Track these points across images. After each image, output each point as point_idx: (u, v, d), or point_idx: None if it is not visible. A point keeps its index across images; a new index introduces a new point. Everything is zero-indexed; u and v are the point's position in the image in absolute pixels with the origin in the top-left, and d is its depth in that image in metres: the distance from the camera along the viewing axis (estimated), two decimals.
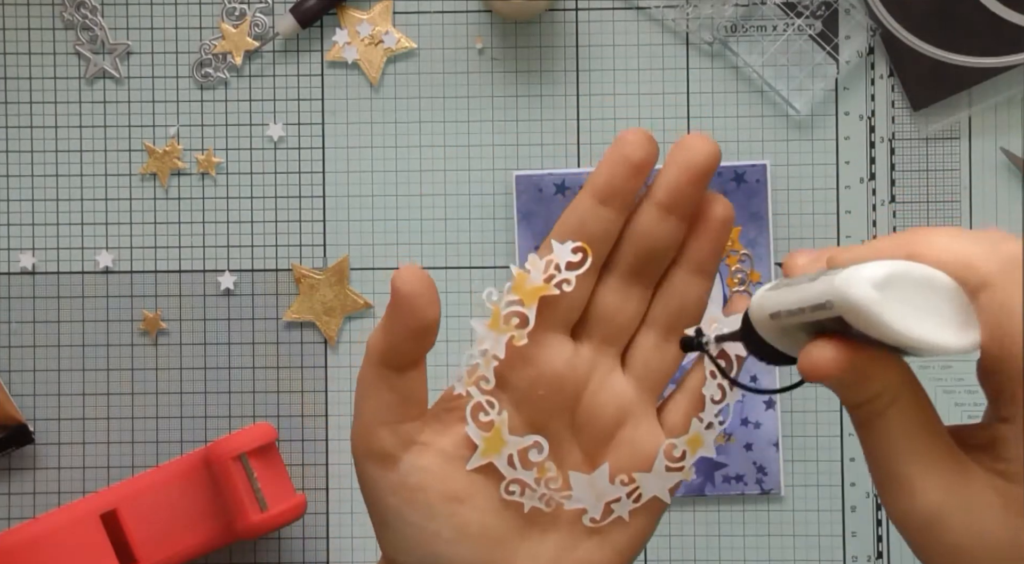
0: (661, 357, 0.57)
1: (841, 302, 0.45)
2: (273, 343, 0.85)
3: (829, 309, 0.46)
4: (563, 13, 0.84)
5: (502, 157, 0.85)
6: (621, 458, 0.57)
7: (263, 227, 0.85)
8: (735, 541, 0.84)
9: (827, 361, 0.46)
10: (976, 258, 0.46)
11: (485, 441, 0.55)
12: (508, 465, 0.55)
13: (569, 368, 0.57)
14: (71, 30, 0.85)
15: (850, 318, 0.46)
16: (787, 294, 0.49)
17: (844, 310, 0.45)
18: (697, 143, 0.56)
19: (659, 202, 0.56)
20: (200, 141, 0.85)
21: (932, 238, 0.47)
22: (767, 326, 0.50)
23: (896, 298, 0.45)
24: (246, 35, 0.85)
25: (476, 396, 0.55)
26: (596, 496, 0.55)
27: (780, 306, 0.49)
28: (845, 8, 0.83)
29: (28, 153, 0.85)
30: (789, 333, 0.50)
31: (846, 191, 0.84)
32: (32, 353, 0.85)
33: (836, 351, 0.46)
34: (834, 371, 0.47)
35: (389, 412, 0.55)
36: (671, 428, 0.57)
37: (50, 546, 0.79)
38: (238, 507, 0.79)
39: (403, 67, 0.85)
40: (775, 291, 0.50)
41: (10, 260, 0.85)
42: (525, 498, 0.55)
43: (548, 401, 0.56)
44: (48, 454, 0.85)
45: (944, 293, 0.46)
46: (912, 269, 0.46)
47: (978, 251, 0.46)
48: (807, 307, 0.47)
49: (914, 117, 0.84)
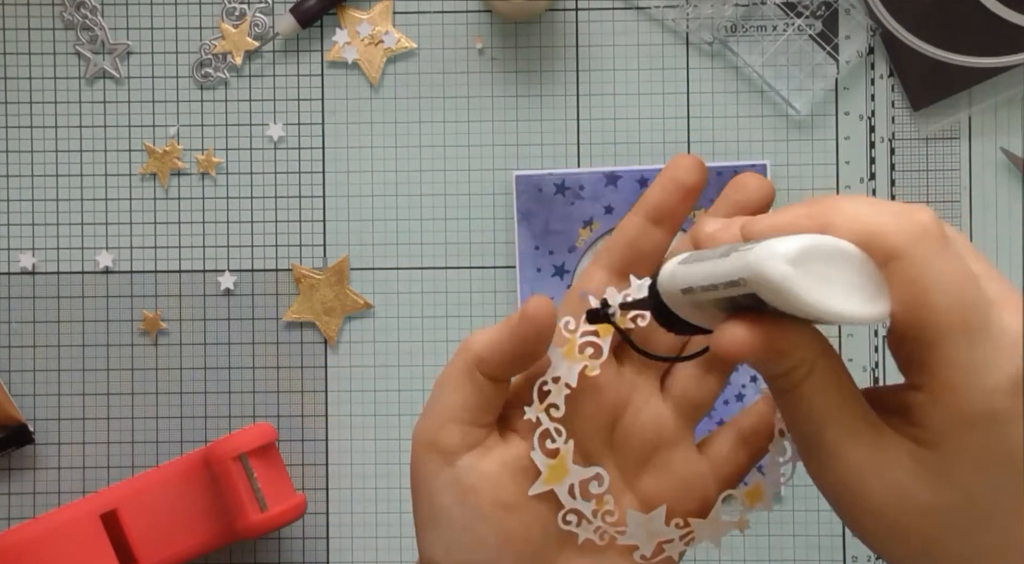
0: (699, 388, 0.58)
1: (755, 279, 0.45)
2: (273, 343, 0.85)
3: (743, 286, 0.46)
4: (563, 13, 0.84)
5: (502, 157, 0.85)
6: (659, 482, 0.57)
7: (263, 227, 0.85)
8: (735, 541, 0.84)
9: (742, 342, 0.47)
10: (887, 228, 0.46)
11: (549, 468, 0.55)
12: (569, 495, 0.55)
13: (612, 386, 0.57)
14: (71, 30, 0.85)
15: (764, 295, 0.46)
16: (698, 269, 0.48)
17: (758, 287, 0.45)
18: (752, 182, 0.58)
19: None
20: (200, 141, 0.85)
21: (844, 207, 0.47)
22: (678, 300, 0.50)
23: (810, 272, 0.45)
24: (246, 35, 0.85)
25: (545, 423, 0.55)
26: (649, 535, 0.56)
27: (692, 281, 0.49)
28: (845, 8, 0.83)
29: (28, 153, 0.85)
30: (701, 306, 0.49)
31: (846, 191, 0.84)
32: (32, 353, 0.85)
33: (750, 331, 0.47)
34: (749, 351, 0.47)
35: (466, 412, 0.55)
36: (714, 456, 0.58)
37: (50, 546, 0.79)
38: (238, 507, 0.79)
39: (403, 67, 0.85)
40: (686, 265, 0.49)
41: (10, 260, 0.85)
42: (580, 529, 0.55)
43: (590, 417, 0.57)
44: (48, 454, 0.85)
45: (856, 263, 0.46)
46: (824, 242, 0.46)
47: (889, 221, 0.46)
48: (720, 284, 0.47)
49: (914, 117, 0.84)
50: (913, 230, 0.46)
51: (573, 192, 0.83)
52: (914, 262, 0.46)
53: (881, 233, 0.46)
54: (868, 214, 0.47)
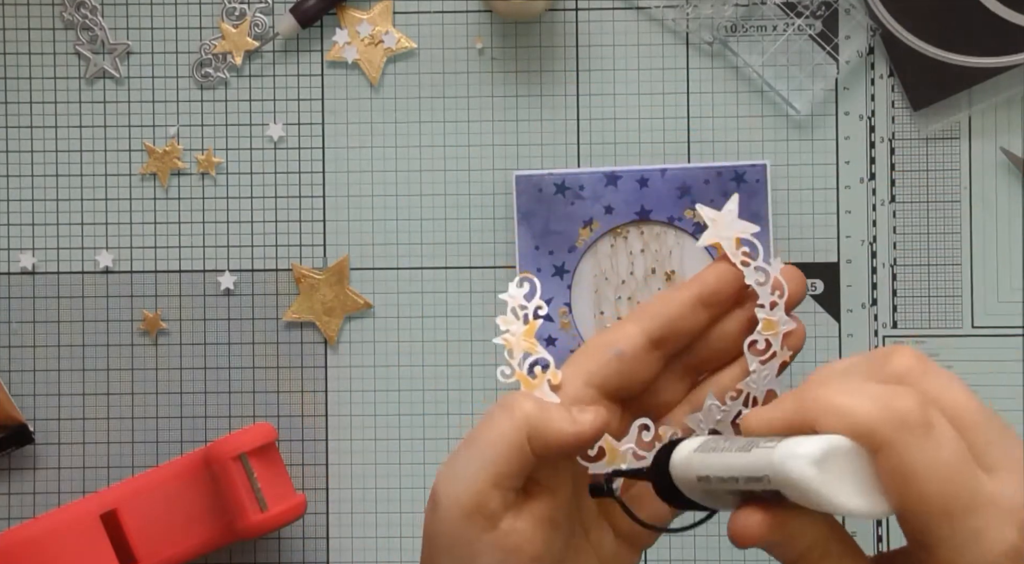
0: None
1: (781, 479, 0.47)
2: (273, 343, 0.85)
3: (766, 483, 0.48)
4: (563, 13, 0.84)
5: (502, 157, 0.85)
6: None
7: (263, 227, 0.85)
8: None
9: (758, 529, 0.49)
10: (869, 419, 0.48)
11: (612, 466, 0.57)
12: (637, 459, 0.57)
13: None
14: (71, 30, 0.85)
15: (788, 493, 0.48)
16: (717, 459, 0.50)
17: (782, 485, 0.47)
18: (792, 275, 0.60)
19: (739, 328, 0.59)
20: (200, 141, 0.85)
21: (829, 402, 0.48)
22: (691, 485, 0.52)
23: (829, 471, 0.47)
24: (246, 35, 0.85)
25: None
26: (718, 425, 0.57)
27: (710, 472, 0.51)
28: (845, 8, 0.83)
29: (28, 153, 0.85)
30: (712, 494, 0.52)
31: (846, 191, 0.84)
32: (32, 353, 0.85)
33: (766, 519, 0.49)
34: (766, 537, 0.49)
35: (510, 480, 0.56)
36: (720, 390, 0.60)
37: (50, 546, 0.79)
38: (238, 507, 0.79)
39: (403, 67, 0.85)
40: (703, 454, 0.51)
41: (10, 260, 0.85)
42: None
43: None
44: (48, 454, 0.85)
45: (860, 458, 0.48)
46: (838, 443, 0.48)
47: (871, 412, 0.48)
48: (741, 477, 0.49)
49: (914, 117, 0.84)
50: (893, 420, 0.47)
51: (573, 192, 0.83)
52: (895, 452, 0.47)
53: (864, 425, 0.47)
54: (851, 407, 0.48)
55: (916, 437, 0.47)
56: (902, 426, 0.47)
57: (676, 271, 0.83)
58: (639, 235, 0.83)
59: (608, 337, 0.58)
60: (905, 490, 0.47)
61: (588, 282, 0.83)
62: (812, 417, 0.48)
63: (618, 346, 0.57)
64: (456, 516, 0.56)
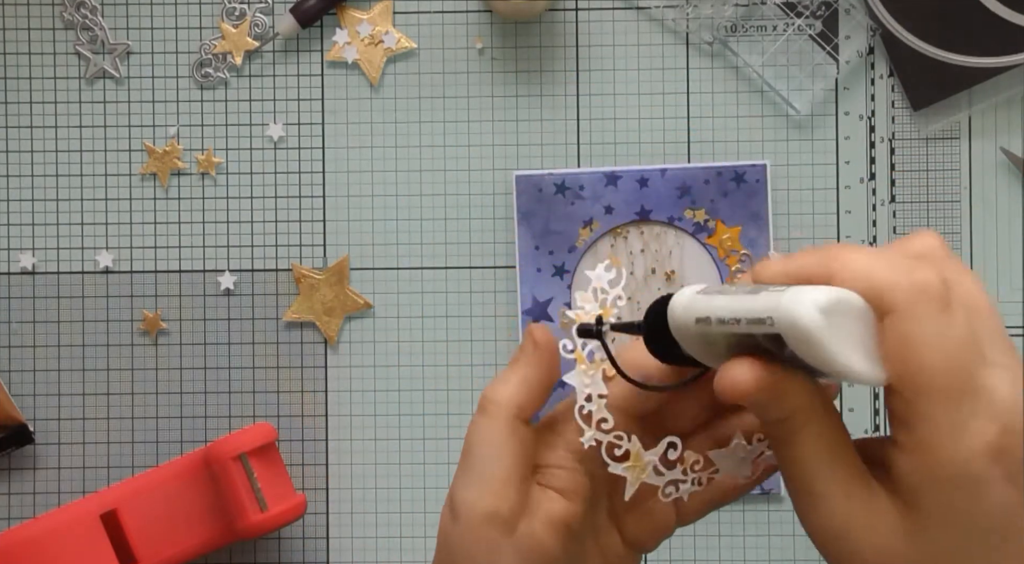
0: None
1: (786, 321, 0.46)
2: (273, 343, 0.85)
3: (768, 325, 0.47)
4: (563, 13, 0.84)
5: (502, 157, 0.85)
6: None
7: (263, 227, 0.85)
8: (735, 541, 0.84)
9: (748, 382, 0.48)
10: (888, 283, 0.47)
11: (631, 470, 0.56)
12: (657, 474, 0.56)
13: None
14: (71, 30, 0.85)
15: (789, 338, 0.46)
16: (721, 301, 0.49)
17: (786, 329, 0.46)
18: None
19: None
20: (200, 141, 0.85)
21: (850, 258, 0.48)
22: (687, 329, 0.50)
23: (834, 324, 0.46)
24: (246, 35, 0.85)
25: (604, 438, 0.56)
26: (740, 463, 0.57)
27: (711, 312, 0.49)
28: (845, 8, 0.83)
29: (28, 153, 0.85)
30: (708, 340, 0.50)
31: (846, 191, 0.84)
32: (32, 353, 0.85)
33: (758, 372, 0.48)
34: (754, 392, 0.48)
35: (517, 469, 0.56)
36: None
37: (50, 546, 0.79)
38: (238, 507, 0.79)
39: (403, 67, 0.85)
40: (706, 295, 0.50)
41: (10, 260, 0.85)
42: (682, 491, 0.56)
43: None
44: (48, 454, 0.85)
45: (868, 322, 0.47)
46: (846, 297, 0.47)
47: (891, 276, 0.47)
48: (744, 319, 0.48)
49: (914, 117, 0.84)
50: (912, 288, 0.47)
51: (573, 192, 0.83)
52: (907, 319, 0.47)
53: (881, 287, 0.47)
54: (872, 267, 0.48)
55: (931, 309, 0.47)
56: (920, 295, 0.47)
57: (676, 271, 0.83)
58: (639, 235, 0.83)
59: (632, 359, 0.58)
60: (907, 358, 0.47)
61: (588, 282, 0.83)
62: (830, 271, 0.48)
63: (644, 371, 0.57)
64: (476, 523, 0.56)
